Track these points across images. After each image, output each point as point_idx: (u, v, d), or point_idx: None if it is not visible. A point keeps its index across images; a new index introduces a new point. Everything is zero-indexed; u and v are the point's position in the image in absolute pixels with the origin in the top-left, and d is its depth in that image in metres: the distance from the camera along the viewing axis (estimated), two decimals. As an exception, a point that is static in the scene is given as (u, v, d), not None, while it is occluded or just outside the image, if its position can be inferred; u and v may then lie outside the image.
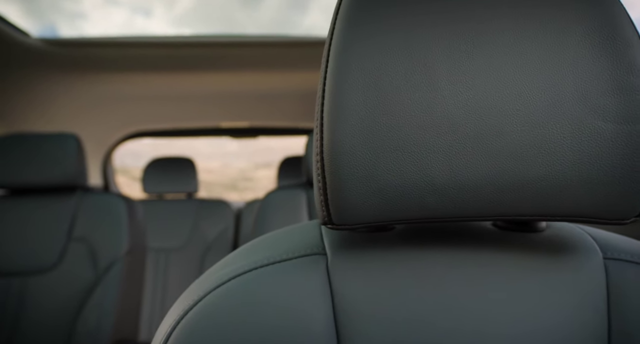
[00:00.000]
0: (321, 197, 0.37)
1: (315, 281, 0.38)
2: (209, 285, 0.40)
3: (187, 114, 2.14)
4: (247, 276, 0.39)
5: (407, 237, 0.42)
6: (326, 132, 0.35)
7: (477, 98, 0.34)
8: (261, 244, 0.45)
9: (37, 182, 1.34)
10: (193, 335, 0.37)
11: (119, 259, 1.32)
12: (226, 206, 2.24)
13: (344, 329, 0.37)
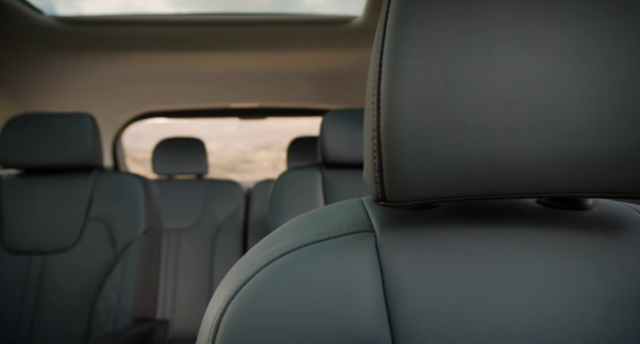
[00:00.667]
0: (375, 173, 0.37)
1: (365, 258, 0.39)
2: (259, 262, 0.40)
3: (197, 94, 2.13)
4: (297, 253, 0.39)
5: (452, 214, 0.42)
6: (383, 106, 0.35)
7: (538, 72, 0.33)
8: (305, 221, 0.45)
9: (54, 162, 1.34)
10: (246, 312, 0.37)
11: (137, 239, 1.33)
12: (236, 186, 2.24)
13: (394, 306, 0.37)
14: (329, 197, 1.42)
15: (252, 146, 10.48)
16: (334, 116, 1.41)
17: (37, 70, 1.73)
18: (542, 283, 0.38)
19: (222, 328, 0.37)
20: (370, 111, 0.36)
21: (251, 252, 0.44)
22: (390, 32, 0.35)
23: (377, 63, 0.35)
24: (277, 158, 11.23)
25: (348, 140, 1.39)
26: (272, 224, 1.40)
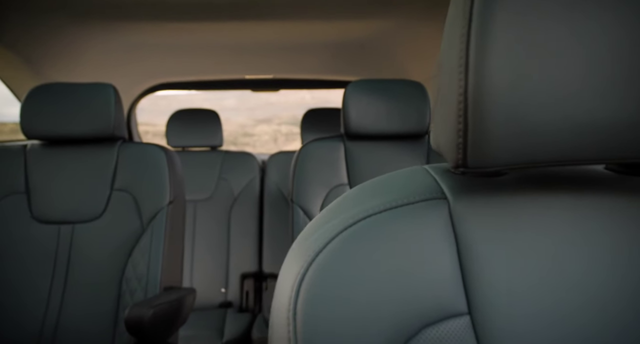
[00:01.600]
0: (459, 139, 0.37)
1: (439, 226, 0.39)
2: (331, 231, 0.40)
3: (211, 66, 2.11)
4: (370, 220, 0.40)
5: (522, 182, 0.42)
6: (472, 72, 0.35)
7: (627, 38, 0.33)
8: (370, 190, 0.45)
9: (78, 133, 1.34)
10: (324, 282, 0.37)
11: (163, 209, 1.34)
12: (251, 158, 2.25)
13: (470, 274, 0.38)
14: (351, 169, 1.42)
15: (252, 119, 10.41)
16: (357, 87, 1.40)
17: (54, 40, 1.71)
18: (612, 249, 0.38)
19: (301, 301, 0.38)
20: (455, 76, 0.36)
21: (318, 221, 0.44)
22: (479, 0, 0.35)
23: (466, 27, 0.35)
24: (277, 131, 11.16)
25: (372, 111, 1.38)
26: (295, 195, 1.41)
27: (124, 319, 1.17)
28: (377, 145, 1.44)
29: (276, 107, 11.12)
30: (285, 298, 0.39)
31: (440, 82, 0.42)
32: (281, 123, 11.46)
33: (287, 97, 10.77)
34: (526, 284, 0.37)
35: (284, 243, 2.14)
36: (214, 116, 2.23)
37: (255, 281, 2.14)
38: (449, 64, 0.38)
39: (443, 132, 0.39)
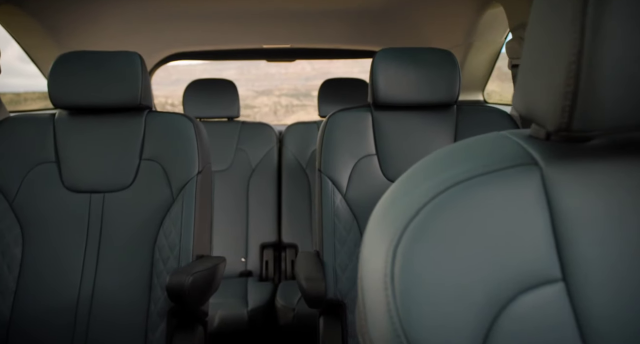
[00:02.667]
0: (566, 102, 0.36)
1: (531, 191, 0.39)
2: (421, 198, 0.40)
3: (229, 35, 2.08)
4: (462, 186, 0.40)
5: (613, 148, 0.42)
6: (589, 33, 0.34)
7: None
8: (453, 155, 0.45)
9: (106, 102, 1.33)
10: (421, 249, 0.38)
11: (192, 179, 1.34)
12: (269, 128, 2.24)
13: (564, 241, 0.38)
14: (379, 139, 1.42)
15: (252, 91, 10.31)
16: (385, 55, 1.37)
17: (75, 9, 1.68)
18: None
19: (398, 266, 0.38)
20: (566, 38, 0.35)
21: (402, 187, 0.44)
22: None
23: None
24: (277, 103, 11.09)
25: (400, 80, 1.36)
26: (323, 165, 1.41)
27: (166, 286, 1.19)
28: (405, 115, 1.43)
29: (276, 79, 11.01)
30: (379, 264, 0.39)
31: (531, 46, 0.41)
32: (281, 95, 11.36)
33: (287, 68, 10.63)
34: (621, 251, 0.37)
35: (304, 213, 2.15)
36: (230, 86, 2.21)
37: (274, 250, 2.16)
38: (554, 26, 0.37)
39: (540, 96, 0.39)
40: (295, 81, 11.29)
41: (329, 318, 1.33)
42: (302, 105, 10.80)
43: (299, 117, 9.28)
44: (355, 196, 1.37)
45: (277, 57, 2.34)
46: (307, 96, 11.15)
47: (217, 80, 2.21)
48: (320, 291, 1.21)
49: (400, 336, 0.37)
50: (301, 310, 1.77)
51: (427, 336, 0.36)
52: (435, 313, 0.37)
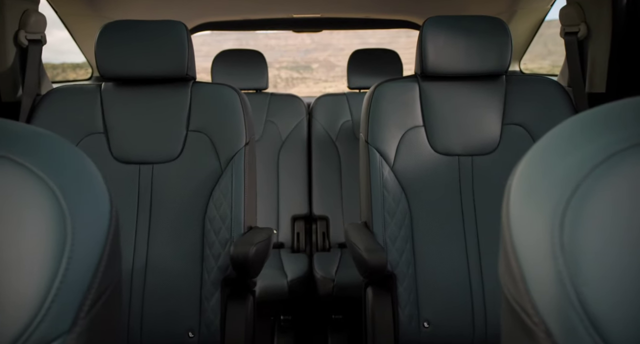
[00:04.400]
0: None
1: None
2: (591, 159, 0.38)
3: (259, 3, 2.04)
4: (633, 150, 0.38)
5: None
6: None
7: None
8: (614, 116, 0.42)
9: (153, 73, 1.31)
10: (590, 210, 0.36)
11: (240, 150, 1.33)
12: (298, 100, 2.22)
13: None
14: (426, 110, 1.40)
15: (252, 63, 10.09)
16: (435, 24, 1.35)
17: None
18: None
19: (567, 232, 0.37)
20: None
21: (553, 153, 0.42)
22: None
23: None
24: (277, 76, 10.98)
25: (450, 50, 1.34)
26: (370, 137, 1.39)
27: (231, 255, 1.20)
28: (453, 85, 1.41)
29: (276, 52, 10.89)
30: (543, 234, 0.38)
31: None
32: (281, 68, 11.24)
33: (287, 40, 10.47)
34: None
35: (334, 186, 2.15)
36: (259, 58, 2.17)
37: (305, 223, 2.17)
38: None
39: None
40: (294, 54, 11.15)
41: (378, 289, 1.34)
42: (302, 78, 10.70)
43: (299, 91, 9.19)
44: (403, 168, 1.36)
45: (305, 28, 2.30)
46: (307, 69, 11.03)
47: (246, 51, 2.18)
48: (382, 262, 1.22)
49: (576, 307, 0.37)
50: (340, 281, 1.79)
51: (607, 309, 0.36)
52: (616, 284, 0.36)
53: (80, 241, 0.45)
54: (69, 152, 0.50)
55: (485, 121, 1.37)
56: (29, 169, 0.45)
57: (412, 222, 1.34)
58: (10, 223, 0.44)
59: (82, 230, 0.46)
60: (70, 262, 0.44)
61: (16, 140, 0.48)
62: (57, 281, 0.43)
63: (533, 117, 1.35)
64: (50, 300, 0.42)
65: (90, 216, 0.47)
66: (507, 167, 1.33)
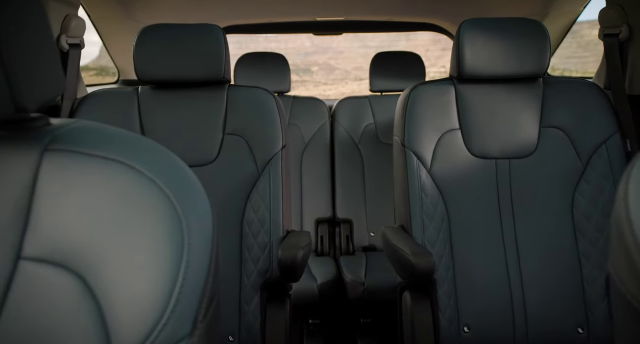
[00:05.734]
0: None
1: None
2: None
3: (283, 7, 2.03)
4: None
5: None
6: None
7: None
8: None
9: (191, 76, 1.31)
10: None
11: (277, 153, 1.33)
12: (321, 104, 2.21)
13: None
14: (462, 113, 1.39)
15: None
16: (472, 26, 1.34)
17: None
18: None
19: None
20: None
21: None
22: None
23: None
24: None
25: (488, 52, 1.33)
26: (407, 140, 1.39)
27: (279, 259, 1.19)
28: (490, 88, 1.40)
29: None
30: None
31: None
32: (281, 71, 11.17)
33: (287, 43, 10.50)
34: None
35: (358, 189, 2.14)
36: (282, 61, 2.17)
37: (329, 226, 2.16)
38: None
39: None
40: (295, 57, 11.16)
41: (417, 293, 1.33)
42: (302, 81, 10.70)
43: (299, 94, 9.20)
44: (440, 171, 1.36)
45: (326, 31, 2.30)
46: (306, 72, 11.03)
47: (268, 54, 2.17)
48: (431, 266, 1.22)
49: None
50: (371, 285, 1.78)
51: None
52: None
53: (194, 246, 0.45)
54: (172, 159, 0.50)
55: (522, 124, 1.37)
56: (146, 176, 0.45)
57: (451, 226, 1.33)
58: (134, 228, 0.43)
59: (195, 235, 0.45)
60: (188, 266, 0.44)
61: (125, 146, 0.48)
62: (178, 285, 0.43)
63: (572, 119, 1.35)
64: (173, 304, 0.42)
65: (200, 221, 0.47)
66: (545, 170, 1.33)
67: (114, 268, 0.42)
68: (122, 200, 0.44)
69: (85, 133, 0.48)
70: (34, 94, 0.43)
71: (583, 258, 1.30)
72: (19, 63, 0.41)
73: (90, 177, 0.44)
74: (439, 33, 2.31)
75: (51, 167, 0.44)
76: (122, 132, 0.51)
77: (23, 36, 0.42)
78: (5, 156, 0.45)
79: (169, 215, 0.44)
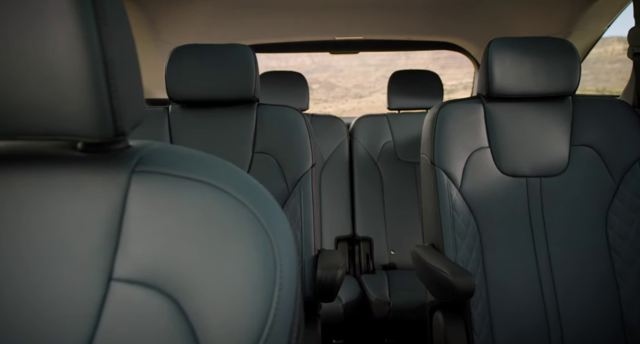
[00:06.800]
0: None
1: None
2: None
3: (303, 27, 2.05)
4: None
5: None
6: None
7: None
8: None
9: (222, 95, 1.31)
10: None
11: (307, 172, 1.33)
12: (339, 122, 2.22)
13: None
14: (491, 131, 1.40)
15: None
16: (501, 45, 1.35)
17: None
18: None
19: None
20: None
21: None
22: None
23: None
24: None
25: (517, 70, 1.34)
26: (437, 158, 1.39)
27: (317, 279, 1.17)
28: (519, 106, 1.41)
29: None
30: None
31: None
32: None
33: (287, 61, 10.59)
34: None
35: (377, 207, 2.14)
36: (300, 79, 2.18)
37: (348, 244, 2.15)
38: None
39: None
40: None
41: (449, 313, 1.32)
42: (303, 98, 10.79)
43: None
44: (471, 190, 1.36)
45: (343, 49, 2.32)
46: (307, 90, 11.10)
47: (287, 73, 2.19)
48: (471, 286, 1.21)
49: None
50: (396, 304, 1.76)
51: None
52: None
53: (286, 269, 0.45)
54: (252, 180, 0.50)
55: (552, 142, 1.37)
56: (235, 197, 0.45)
57: (482, 244, 1.33)
58: (227, 250, 0.43)
59: (284, 257, 0.45)
60: (281, 288, 0.43)
61: (208, 167, 0.47)
62: (273, 308, 0.42)
63: (603, 137, 1.35)
64: (268, 326, 0.42)
65: (286, 243, 0.46)
66: (577, 188, 1.33)
67: (207, 289, 0.41)
68: (213, 222, 0.43)
69: (168, 155, 0.48)
70: (129, 117, 0.43)
71: (619, 278, 1.29)
72: (120, 85, 0.41)
73: (179, 198, 0.44)
74: (456, 51, 2.34)
75: (139, 189, 0.44)
76: (199, 152, 0.51)
77: (123, 57, 0.42)
78: (93, 178, 0.44)
79: (261, 237, 0.44)
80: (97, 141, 0.44)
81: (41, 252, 0.42)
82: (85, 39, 0.38)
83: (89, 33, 0.38)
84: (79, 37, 0.38)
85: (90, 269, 0.42)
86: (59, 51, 0.38)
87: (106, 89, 0.39)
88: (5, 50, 0.37)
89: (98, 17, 0.38)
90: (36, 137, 0.41)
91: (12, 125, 0.40)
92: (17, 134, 0.40)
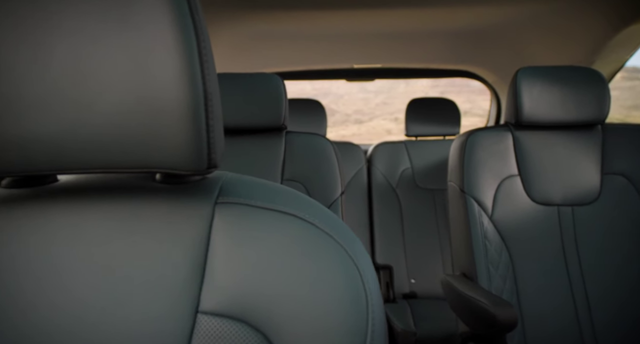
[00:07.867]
0: None
1: None
2: None
3: (322, 55, 2.07)
4: None
5: None
6: None
7: None
8: None
9: (255, 123, 1.31)
10: None
11: (337, 200, 1.32)
12: (357, 149, 2.22)
13: None
14: (521, 159, 1.40)
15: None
16: (529, 74, 1.37)
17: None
18: None
19: None
20: None
21: None
22: None
23: None
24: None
25: (546, 99, 1.35)
26: (467, 186, 1.38)
27: None
28: (548, 134, 1.42)
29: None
30: None
31: None
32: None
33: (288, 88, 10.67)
34: None
35: (396, 234, 2.12)
36: (318, 107, 2.19)
37: None
38: None
39: None
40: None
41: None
42: (303, 124, 10.84)
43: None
44: (502, 218, 1.35)
45: (358, 77, 2.34)
46: (307, 115, 11.17)
47: (305, 100, 2.20)
48: (513, 316, 1.18)
49: None
50: (423, 334, 1.73)
51: None
52: None
53: (375, 303, 0.44)
54: (328, 211, 0.49)
55: (583, 170, 1.38)
56: (320, 229, 0.45)
57: (515, 274, 1.31)
58: (318, 283, 0.42)
59: (372, 290, 0.44)
60: (374, 323, 0.43)
61: (288, 198, 0.47)
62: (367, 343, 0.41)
63: (635, 166, 1.35)
64: None
65: (371, 275, 0.46)
66: (611, 217, 1.33)
67: (297, 322, 0.40)
68: (301, 253, 0.43)
69: (246, 185, 0.48)
70: (219, 149, 0.43)
71: None
72: (215, 119, 0.41)
73: (265, 230, 0.43)
74: (473, 79, 2.36)
75: (223, 220, 0.43)
76: (270, 182, 0.50)
77: (215, 90, 0.42)
78: (177, 210, 0.44)
79: (351, 269, 0.43)
80: (190, 173, 0.44)
81: (133, 285, 0.42)
82: (192, 75, 0.38)
83: (194, 69, 0.38)
84: (185, 73, 0.37)
85: (178, 302, 0.41)
86: (166, 86, 0.37)
87: (205, 123, 0.39)
88: (117, 86, 0.37)
89: (201, 54, 0.39)
90: (130, 170, 0.41)
91: (110, 159, 0.40)
92: (112, 167, 0.40)
